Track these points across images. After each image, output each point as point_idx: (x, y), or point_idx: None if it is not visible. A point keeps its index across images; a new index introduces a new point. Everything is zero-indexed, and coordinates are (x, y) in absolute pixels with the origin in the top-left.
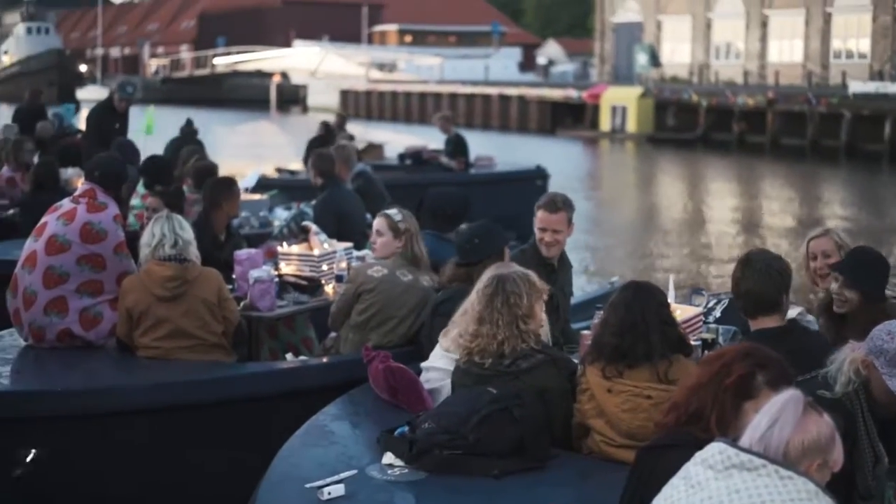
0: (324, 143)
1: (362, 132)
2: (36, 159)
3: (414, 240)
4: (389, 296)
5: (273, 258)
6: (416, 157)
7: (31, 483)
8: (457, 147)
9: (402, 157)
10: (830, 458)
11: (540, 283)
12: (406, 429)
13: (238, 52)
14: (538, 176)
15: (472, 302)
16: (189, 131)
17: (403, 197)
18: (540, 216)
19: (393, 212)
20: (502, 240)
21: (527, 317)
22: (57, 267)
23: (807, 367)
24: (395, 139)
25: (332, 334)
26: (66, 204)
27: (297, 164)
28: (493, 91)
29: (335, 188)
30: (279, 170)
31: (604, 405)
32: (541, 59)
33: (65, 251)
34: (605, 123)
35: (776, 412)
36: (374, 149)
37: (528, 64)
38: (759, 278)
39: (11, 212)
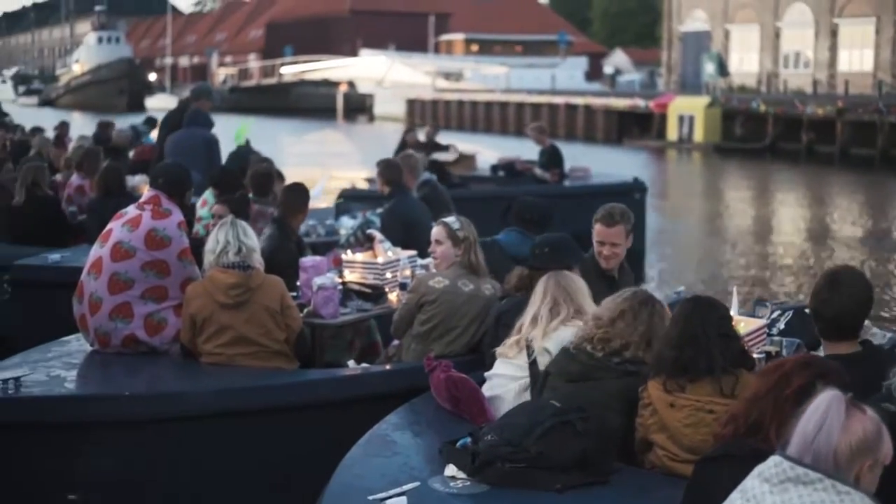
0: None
1: (450, 142)
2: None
3: (472, 248)
4: (451, 306)
5: (339, 266)
6: (509, 169)
7: (95, 487)
8: (551, 158)
9: (494, 168)
10: (880, 455)
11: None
12: (468, 440)
13: (305, 62)
14: (636, 189)
15: (610, 299)
16: (247, 148)
17: (496, 209)
18: (598, 229)
19: (451, 220)
20: (572, 257)
21: (657, 338)
22: (122, 273)
23: (880, 389)
24: (487, 150)
25: (395, 342)
26: (131, 210)
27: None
28: (559, 100)
29: (402, 197)
30: (370, 180)
31: (666, 420)
32: (607, 69)
33: (130, 258)
34: (672, 133)
35: (820, 417)
36: (466, 159)
37: (594, 73)
38: (848, 305)
39: (81, 218)
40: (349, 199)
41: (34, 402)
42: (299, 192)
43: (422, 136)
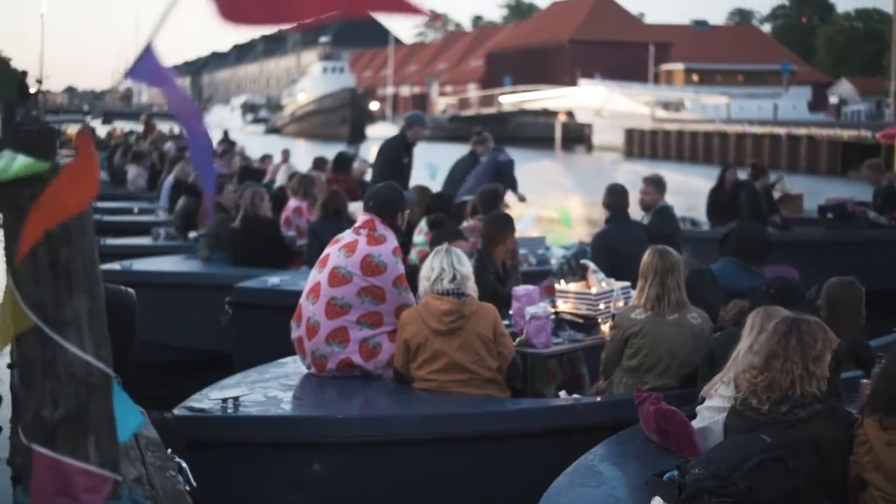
0: (729, 194)
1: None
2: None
3: (671, 278)
4: (656, 337)
5: (551, 295)
6: (839, 211)
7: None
8: (887, 199)
9: (822, 209)
10: None
11: (832, 334)
12: (675, 473)
13: (524, 91)
14: None
15: (757, 342)
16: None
17: (825, 257)
18: None
19: (651, 250)
20: (799, 303)
21: (817, 359)
22: (339, 298)
23: None
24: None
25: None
26: (347, 235)
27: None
28: (781, 131)
29: (617, 223)
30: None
31: (882, 459)
32: (832, 99)
33: (346, 283)
34: None
35: None
36: (792, 200)
37: (818, 103)
38: None
39: (301, 243)
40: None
41: (252, 422)
42: (501, 223)
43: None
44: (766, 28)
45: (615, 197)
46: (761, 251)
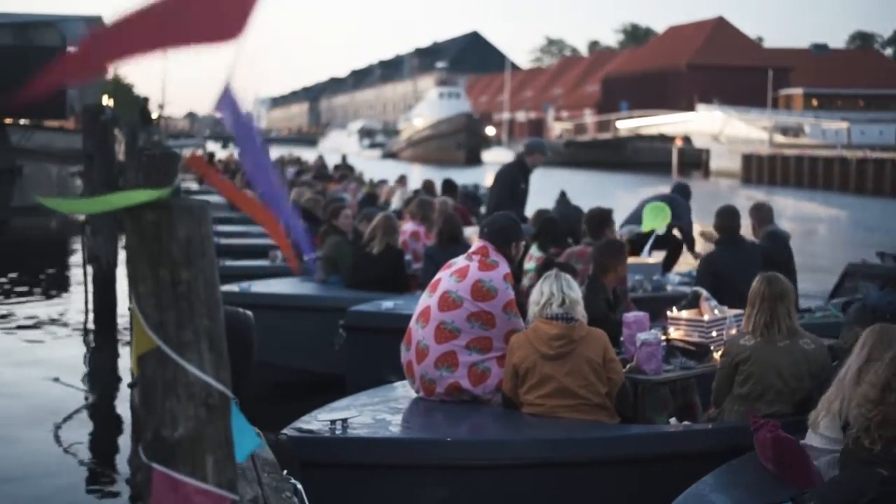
0: None
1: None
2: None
3: (781, 305)
4: (766, 363)
5: (664, 322)
6: None
7: None
8: None
9: None
10: None
11: None
12: None
13: (640, 116)
14: None
15: (873, 371)
16: (563, 201)
17: None
18: None
19: (760, 277)
20: None
21: None
22: (448, 323)
23: None
24: None
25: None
26: (460, 261)
27: None
28: None
29: (725, 246)
30: (881, 254)
31: None
32: None
33: (456, 308)
34: None
35: None
36: None
37: None
38: None
39: (417, 267)
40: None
41: (360, 443)
42: (613, 250)
43: None
44: (888, 52)
45: (723, 218)
46: None
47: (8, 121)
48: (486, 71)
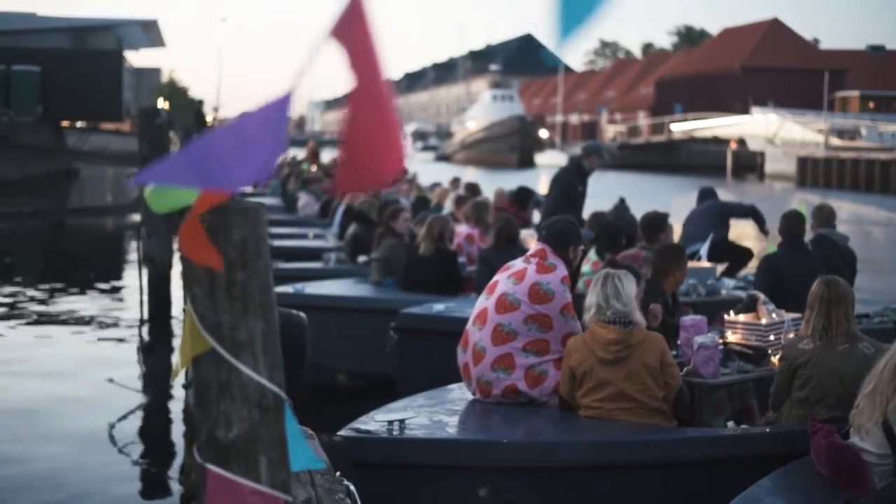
0: None
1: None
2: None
3: (838, 308)
4: (825, 367)
5: (721, 325)
6: None
7: None
8: None
9: None
10: None
11: None
12: None
13: (695, 119)
14: None
15: None
16: (622, 207)
17: None
18: None
19: (819, 280)
20: None
21: None
22: (505, 325)
23: None
24: None
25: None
26: (517, 263)
27: None
28: None
29: (785, 249)
30: None
31: None
32: None
33: (514, 310)
34: None
35: None
36: None
37: None
38: None
39: (470, 269)
40: None
41: (416, 444)
42: (672, 254)
43: None
44: None
45: (786, 223)
46: None
47: (65, 123)
48: (539, 74)
